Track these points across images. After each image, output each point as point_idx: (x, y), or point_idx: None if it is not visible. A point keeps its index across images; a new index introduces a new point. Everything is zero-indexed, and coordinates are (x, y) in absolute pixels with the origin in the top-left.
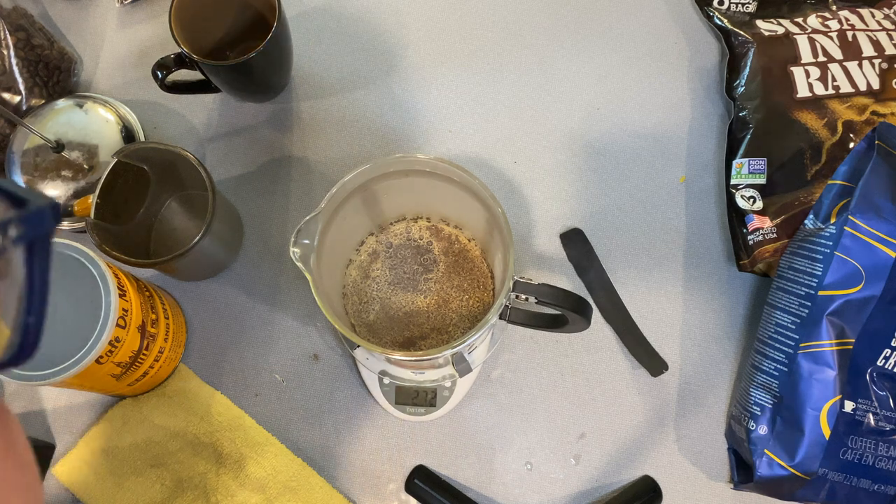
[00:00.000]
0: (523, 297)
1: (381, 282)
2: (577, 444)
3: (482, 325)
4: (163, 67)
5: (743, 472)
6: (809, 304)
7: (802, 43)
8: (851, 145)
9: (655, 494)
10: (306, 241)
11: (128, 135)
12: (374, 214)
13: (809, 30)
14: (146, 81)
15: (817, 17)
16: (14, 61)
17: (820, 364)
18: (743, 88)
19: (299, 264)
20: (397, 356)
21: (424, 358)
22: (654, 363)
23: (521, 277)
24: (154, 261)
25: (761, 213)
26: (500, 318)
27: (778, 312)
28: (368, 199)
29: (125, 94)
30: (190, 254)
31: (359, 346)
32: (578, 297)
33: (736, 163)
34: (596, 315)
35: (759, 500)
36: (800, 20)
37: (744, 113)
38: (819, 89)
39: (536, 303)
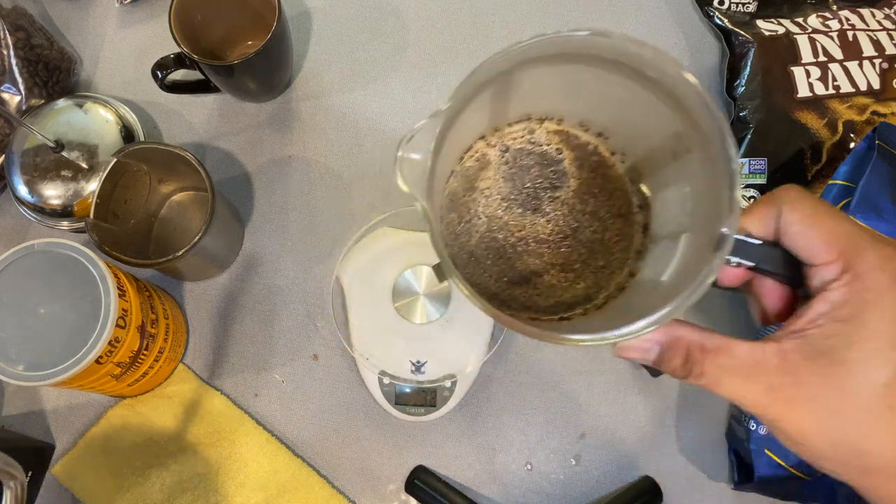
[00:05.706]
0: (734, 260)
1: (492, 194)
2: (577, 444)
3: (694, 291)
4: (163, 67)
5: (743, 472)
6: None
7: (803, 43)
8: (852, 145)
9: (655, 495)
10: (415, 157)
11: (128, 135)
12: (495, 113)
13: (810, 30)
14: (146, 81)
15: (818, 16)
16: (14, 61)
17: None
18: (743, 88)
19: (413, 193)
20: (549, 333)
21: (589, 339)
22: None
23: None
24: (154, 261)
25: None
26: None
27: None
28: (499, 93)
29: (125, 94)
30: (190, 254)
31: (358, 350)
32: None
33: None
34: None
35: (759, 500)
36: (800, 20)
37: (744, 113)
38: (819, 89)
39: (750, 268)
